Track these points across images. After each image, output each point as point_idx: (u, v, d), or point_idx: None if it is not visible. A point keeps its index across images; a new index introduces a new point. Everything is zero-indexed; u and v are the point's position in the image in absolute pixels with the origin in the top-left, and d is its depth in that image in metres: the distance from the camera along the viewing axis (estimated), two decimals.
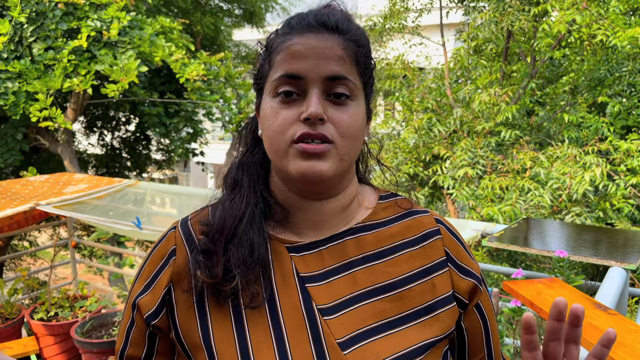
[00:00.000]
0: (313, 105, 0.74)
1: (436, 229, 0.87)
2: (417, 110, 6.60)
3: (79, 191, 3.88)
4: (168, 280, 0.80)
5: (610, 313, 1.25)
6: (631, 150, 5.10)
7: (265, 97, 0.80)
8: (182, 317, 0.79)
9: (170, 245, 0.83)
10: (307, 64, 0.75)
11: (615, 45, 5.24)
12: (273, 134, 0.77)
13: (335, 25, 0.78)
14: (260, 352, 0.73)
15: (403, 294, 0.80)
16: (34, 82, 5.49)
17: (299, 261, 0.80)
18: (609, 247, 2.72)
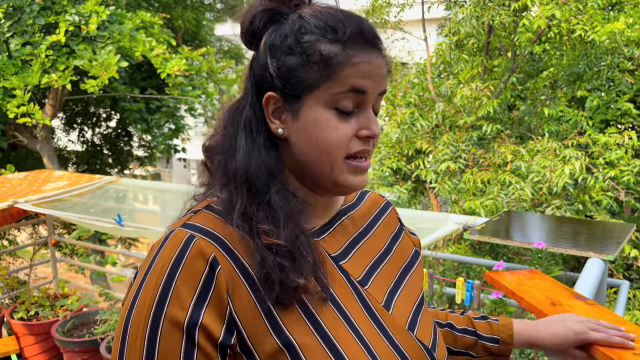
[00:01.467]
0: (376, 125, 0.81)
1: (387, 202, 1.04)
2: (399, 105, 6.62)
3: (58, 188, 3.82)
4: (224, 292, 0.71)
5: (589, 303, 1.27)
6: (609, 143, 5.18)
7: (313, 106, 0.78)
8: (250, 328, 0.72)
9: (206, 255, 0.72)
10: (371, 82, 0.80)
11: (593, 40, 5.31)
12: (329, 145, 0.78)
13: (381, 43, 0.82)
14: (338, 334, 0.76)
15: (394, 255, 0.95)
16: (11, 77, 5.40)
17: (323, 244, 0.85)
18: (588, 238, 2.76)
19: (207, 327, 0.69)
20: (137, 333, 0.70)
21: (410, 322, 0.86)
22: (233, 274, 0.73)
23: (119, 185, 4.08)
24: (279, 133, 0.80)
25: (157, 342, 0.69)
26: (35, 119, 5.46)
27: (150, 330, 0.69)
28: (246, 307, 0.72)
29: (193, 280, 0.70)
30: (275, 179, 0.79)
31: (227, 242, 0.75)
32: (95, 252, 6.33)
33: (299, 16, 0.80)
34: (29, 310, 3.54)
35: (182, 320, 0.69)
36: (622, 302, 2.52)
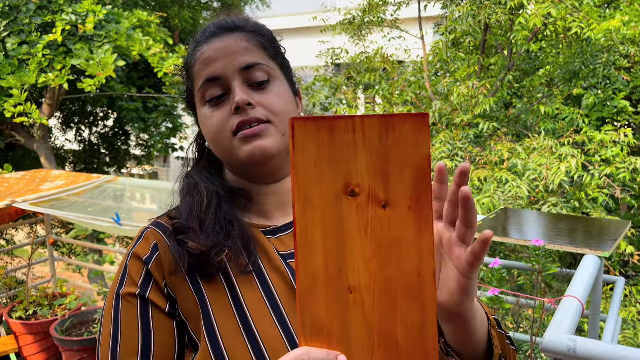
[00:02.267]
0: (237, 94, 0.82)
1: None
2: (396, 103, 6.64)
3: (56, 188, 3.82)
4: (161, 271, 0.82)
5: None
6: (605, 141, 5.20)
7: (199, 109, 0.89)
8: (180, 295, 0.81)
9: (149, 243, 0.85)
10: (220, 64, 0.84)
11: (589, 38, 5.33)
12: (214, 134, 0.85)
13: (233, 25, 0.87)
14: (260, 321, 0.78)
15: None
16: (7, 77, 5.39)
17: (276, 242, 0.87)
18: (584, 235, 2.78)
19: (153, 301, 0.81)
20: (108, 305, 0.84)
21: None
22: (170, 256, 0.83)
23: (116, 184, 4.09)
24: (207, 145, 0.95)
25: (120, 308, 0.81)
26: (33, 119, 5.45)
27: (115, 301, 0.82)
28: (177, 279, 0.82)
29: (139, 264, 0.83)
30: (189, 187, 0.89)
31: (169, 227, 0.86)
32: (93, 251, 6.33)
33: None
34: (28, 309, 3.55)
35: (134, 292, 0.81)
36: (618, 299, 2.54)
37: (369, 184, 0.59)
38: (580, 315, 1.72)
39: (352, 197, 0.59)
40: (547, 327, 1.58)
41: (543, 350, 1.51)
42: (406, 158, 0.59)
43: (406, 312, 0.61)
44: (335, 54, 7.62)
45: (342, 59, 7.64)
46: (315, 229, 0.60)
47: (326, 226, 0.60)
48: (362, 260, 0.60)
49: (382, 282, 0.60)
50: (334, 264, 0.60)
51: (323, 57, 7.71)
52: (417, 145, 0.59)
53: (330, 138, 0.59)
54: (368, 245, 0.60)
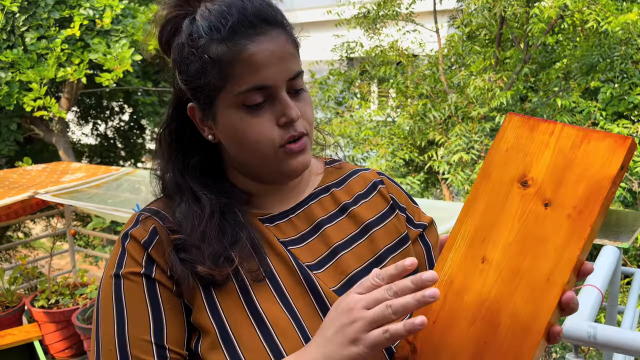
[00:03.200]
0: (293, 108, 0.78)
1: (380, 180, 0.98)
2: (411, 97, 6.63)
3: (76, 180, 3.89)
4: (163, 256, 0.78)
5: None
6: (622, 134, 5.16)
7: (224, 109, 0.79)
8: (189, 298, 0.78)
9: (147, 227, 0.80)
10: (272, 71, 0.76)
11: (606, 31, 5.28)
12: (253, 143, 0.79)
13: (274, 18, 0.78)
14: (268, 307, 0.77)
15: (373, 237, 0.90)
16: (27, 71, 5.47)
17: (275, 230, 0.85)
18: (603, 227, 2.78)
19: (160, 280, 0.78)
20: (106, 286, 0.78)
21: None
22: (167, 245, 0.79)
23: (135, 176, 4.14)
24: (210, 139, 0.84)
25: (122, 293, 0.77)
26: (52, 112, 5.53)
27: (115, 280, 0.78)
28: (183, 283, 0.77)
29: (139, 247, 0.79)
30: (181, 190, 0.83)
31: (168, 216, 0.82)
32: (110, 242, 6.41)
33: (191, 20, 0.79)
34: (50, 298, 3.62)
35: (138, 271, 0.77)
36: (636, 290, 2.53)
37: (542, 181, 0.65)
38: (599, 303, 1.72)
39: (522, 187, 0.66)
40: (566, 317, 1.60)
41: (563, 337, 1.52)
42: (589, 171, 0.62)
43: (520, 306, 0.63)
44: (350, 47, 7.61)
45: (356, 53, 7.63)
46: (481, 199, 0.68)
47: (491, 201, 0.67)
48: (505, 241, 0.65)
49: (512, 267, 0.64)
50: (482, 232, 0.67)
51: (337, 51, 7.71)
52: (606, 164, 0.61)
53: (530, 135, 0.66)
54: (516, 231, 0.65)
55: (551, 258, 0.62)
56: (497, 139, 0.68)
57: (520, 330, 0.62)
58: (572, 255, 0.61)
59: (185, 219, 0.80)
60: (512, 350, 0.62)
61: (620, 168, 0.61)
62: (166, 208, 0.84)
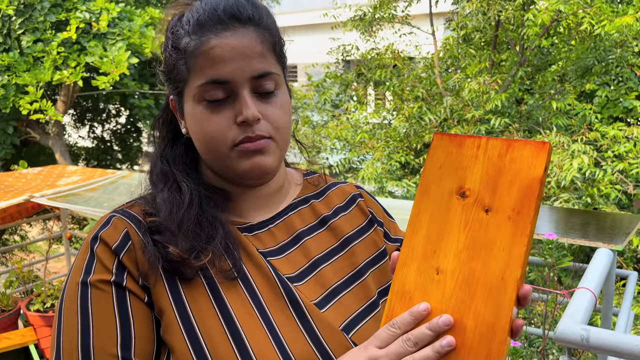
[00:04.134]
0: (250, 108, 0.75)
1: (358, 193, 0.98)
2: (407, 99, 6.64)
3: (72, 183, 3.88)
4: (134, 262, 0.75)
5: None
6: (618, 136, 5.19)
7: (188, 101, 0.79)
8: (154, 289, 0.75)
9: (119, 231, 0.76)
10: (231, 67, 0.74)
11: (601, 34, 5.30)
12: (209, 139, 0.77)
13: (247, 16, 0.76)
14: (246, 322, 0.74)
15: (352, 250, 0.89)
16: (23, 74, 5.47)
17: (254, 240, 0.83)
18: (597, 229, 2.79)
19: (131, 289, 0.74)
20: (71, 295, 0.74)
21: (349, 323, 0.81)
22: (143, 247, 0.76)
23: (132, 179, 4.14)
24: (184, 132, 0.84)
25: (89, 297, 0.72)
26: (48, 115, 5.53)
27: (82, 289, 0.73)
28: (155, 278, 0.75)
29: (109, 252, 0.75)
30: (166, 178, 0.82)
31: (142, 221, 0.79)
32: None
33: (178, 17, 0.80)
34: (45, 302, 3.61)
35: (108, 279, 0.73)
36: (630, 292, 2.54)
37: (478, 190, 0.69)
38: (593, 306, 1.73)
39: (461, 198, 0.70)
40: (560, 319, 1.60)
41: (556, 340, 1.52)
42: (518, 175, 0.67)
43: (481, 307, 0.65)
44: (346, 50, 7.63)
45: (352, 56, 7.65)
46: (424, 214, 0.71)
47: (434, 215, 0.70)
48: (455, 250, 0.68)
49: (467, 272, 0.67)
50: (431, 245, 0.69)
51: (334, 54, 7.73)
52: (532, 167, 0.67)
53: (458, 150, 0.71)
54: (463, 239, 0.68)
55: (501, 258, 0.65)
56: (428, 159, 0.72)
57: (486, 331, 0.64)
58: (520, 252, 0.65)
59: (165, 205, 0.78)
60: (482, 351, 0.64)
61: (544, 169, 0.67)
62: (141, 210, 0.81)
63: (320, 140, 6.73)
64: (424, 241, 0.70)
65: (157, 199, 0.80)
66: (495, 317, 0.64)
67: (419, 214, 0.71)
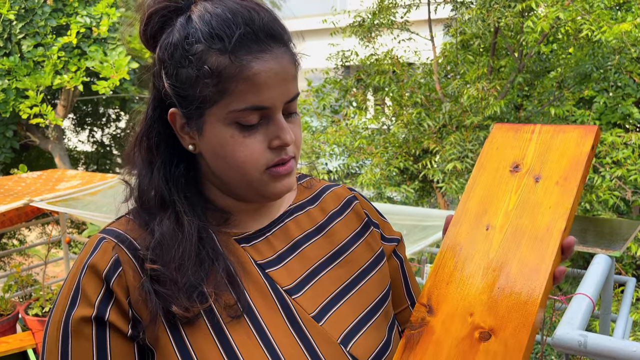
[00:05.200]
0: (288, 134, 0.74)
1: (353, 196, 0.96)
2: (406, 105, 6.66)
3: (72, 187, 3.89)
4: (124, 289, 0.71)
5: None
6: (616, 143, 5.20)
7: (213, 123, 0.73)
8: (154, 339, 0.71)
9: (109, 256, 0.73)
10: (273, 93, 0.72)
11: (600, 40, 5.33)
12: (240, 163, 0.74)
13: (279, 34, 0.73)
14: (243, 343, 0.73)
15: (349, 257, 0.88)
16: (23, 79, 5.48)
17: (251, 250, 0.81)
18: (595, 235, 2.80)
19: (113, 323, 0.70)
20: (53, 334, 0.71)
21: (347, 334, 0.80)
22: (137, 275, 0.72)
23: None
24: (190, 149, 0.77)
25: (69, 341, 0.70)
26: (48, 120, 5.54)
27: (63, 329, 0.70)
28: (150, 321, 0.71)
29: (97, 280, 0.71)
30: (165, 206, 0.77)
31: (135, 243, 0.74)
32: None
33: (187, 19, 0.72)
34: (44, 306, 3.61)
35: (89, 315, 0.70)
36: (629, 298, 2.55)
37: (530, 163, 0.77)
38: (591, 312, 1.74)
39: (515, 170, 0.78)
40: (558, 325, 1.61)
41: (554, 346, 1.53)
42: (567, 150, 0.76)
43: (526, 253, 0.71)
44: (345, 56, 7.65)
45: (352, 61, 7.67)
46: (479, 185, 0.79)
47: (488, 183, 0.78)
48: (505, 210, 0.75)
49: (515, 226, 0.74)
50: (483, 207, 0.77)
51: (333, 59, 7.75)
52: (580, 144, 0.76)
53: (515, 135, 0.81)
54: (514, 201, 0.75)
55: (548, 215, 0.73)
56: (487, 142, 0.82)
57: (529, 273, 0.70)
58: (566, 208, 0.72)
59: (166, 241, 0.73)
60: (524, 290, 0.69)
61: (591, 147, 0.75)
62: (135, 229, 0.76)
63: (319, 145, 6.74)
64: (477, 204, 0.77)
65: (155, 232, 0.75)
66: (540, 261, 0.70)
67: (474, 184, 0.79)
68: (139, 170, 0.80)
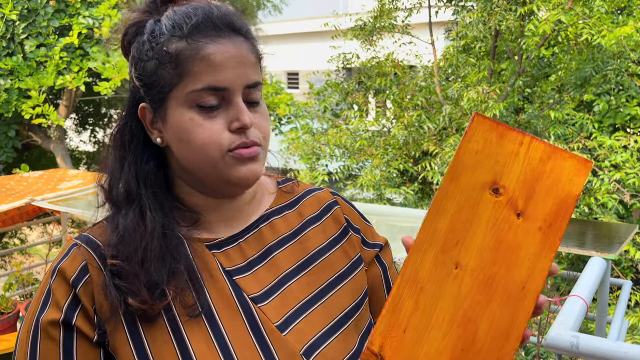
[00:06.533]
0: (246, 115, 0.75)
1: (334, 201, 0.94)
2: (407, 108, 6.69)
3: (73, 187, 3.91)
4: (90, 296, 0.73)
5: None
6: (615, 146, 5.22)
7: (174, 107, 0.76)
8: (113, 336, 0.74)
9: (77, 263, 0.75)
10: (230, 74, 0.74)
11: (600, 44, 5.35)
12: (200, 145, 0.75)
13: (239, 27, 0.77)
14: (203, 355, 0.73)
15: (322, 264, 0.86)
16: (26, 79, 5.51)
17: (221, 257, 0.80)
18: (593, 238, 2.82)
19: (80, 328, 0.73)
20: (24, 335, 0.74)
21: (312, 345, 0.78)
22: (101, 280, 0.74)
23: None
24: (158, 142, 0.80)
25: (37, 342, 0.73)
26: (50, 120, 5.57)
27: (33, 331, 0.73)
28: (113, 314, 0.73)
29: (66, 285, 0.74)
30: (130, 199, 0.78)
31: (103, 251, 0.76)
32: None
33: (155, 21, 0.78)
34: None
35: (57, 318, 0.73)
36: (624, 301, 2.57)
37: (513, 190, 0.65)
38: (584, 313, 1.75)
39: (493, 194, 0.66)
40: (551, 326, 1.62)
41: (547, 346, 1.55)
42: (556, 187, 0.65)
43: (497, 313, 0.64)
44: (347, 58, 7.68)
45: (353, 64, 7.70)
46: (451, 200, 0.66)
47: (462, 203, 0.66)
48: (479, 247, 0.65)
49: (488, 275, 0.65)
50: (454, 235, 0.66)
51: (334, 62, 7.78)
52: (571, 182, 0.65)
53: (498, 141, 0.66)
54: (490, 237, 0.65)
55: (525, 267, 0.64)
56: (465, 140, 0.67)
57: (498, 336, 0.63)
58: (545, 266, 0.64)
59: (126, 234, 0.75)
60: (491, 355, 0.63)
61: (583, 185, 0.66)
62: (106, 233, 0.78)
63: (319, 147, 6.77)
64: (446, 229, 0.66)
65: (119, 225, 0.76)
66: (510, 324, 0.63)
67: (445, 198, 0.66)
68: (111, 167, 0.82)
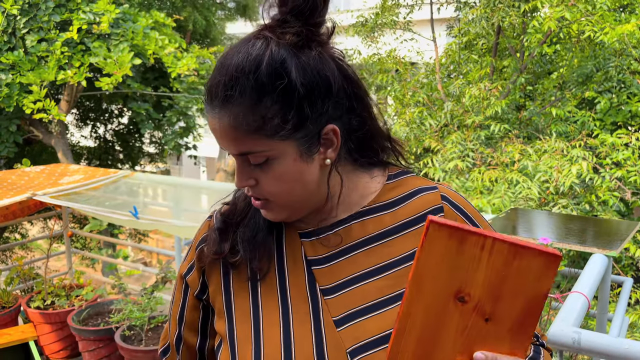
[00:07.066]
0: (237, 177, 0.83)
1: (439, 206, 0.87)
2: (408, 104, 6.68)
3: (74, 182, 3.92)
4: (202, 258, 0.92)
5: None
6: (617, 144, 5.21)
7: None
8: (211, 286, 0.92)
9: (203, 232, 0.94)
10: (222, 143, 0.80)
11: (602, 42, 5.34)
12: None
13: (224, 95, 0.75)
14: (268, 326, 0.83)
15: (400, 273, 0.83)
16: (27, 73, 5.51)
17: (308, 246, 0.87)
18: (594, 235, 2.82)
19: (189, 284, 0.95)
20: (174, 284, 1.02)
21: (360, 347, 0.79)
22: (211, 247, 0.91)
23: (133, 179, 4.17)
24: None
25: (176, 285, 1.00)
26: (51, 115, 5.57)
27: (177, 282, 1.00)
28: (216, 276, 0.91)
29: (193, 250, 0.95)
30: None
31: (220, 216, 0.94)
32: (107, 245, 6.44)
33: None
34: (45, 299, 3.64)
35: (182, 272, 0.97)
36: (625, 298, 2.57)
37: (479, 297, 0.64)
38: (586, 310, 1.76)
39: (459, 302, 0.64)
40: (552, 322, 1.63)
41: (548, 342, 1.55)
42: (524, 287, 0.63)
43: None
44: (348, 54, 7.67)
45: (354, 60, 7.69)
46: (418, 313, 0.65)
47: (429, 315, 0.65)
48: (450, 355, 0.65)
49: None
50: (424, 348, 0.66)
51: None
52: (539, 280, 0.62)
53: (459, 248, 0.63)
54: (460, 344, 0.65)
55: None
56: (423, 250, 0.63)
57: None
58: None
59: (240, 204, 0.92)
60: None
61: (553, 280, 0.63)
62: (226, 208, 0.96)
63: None
64: (416, 342, 0.65)
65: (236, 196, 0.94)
66: None
67: (410, 310, 0.65)
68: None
